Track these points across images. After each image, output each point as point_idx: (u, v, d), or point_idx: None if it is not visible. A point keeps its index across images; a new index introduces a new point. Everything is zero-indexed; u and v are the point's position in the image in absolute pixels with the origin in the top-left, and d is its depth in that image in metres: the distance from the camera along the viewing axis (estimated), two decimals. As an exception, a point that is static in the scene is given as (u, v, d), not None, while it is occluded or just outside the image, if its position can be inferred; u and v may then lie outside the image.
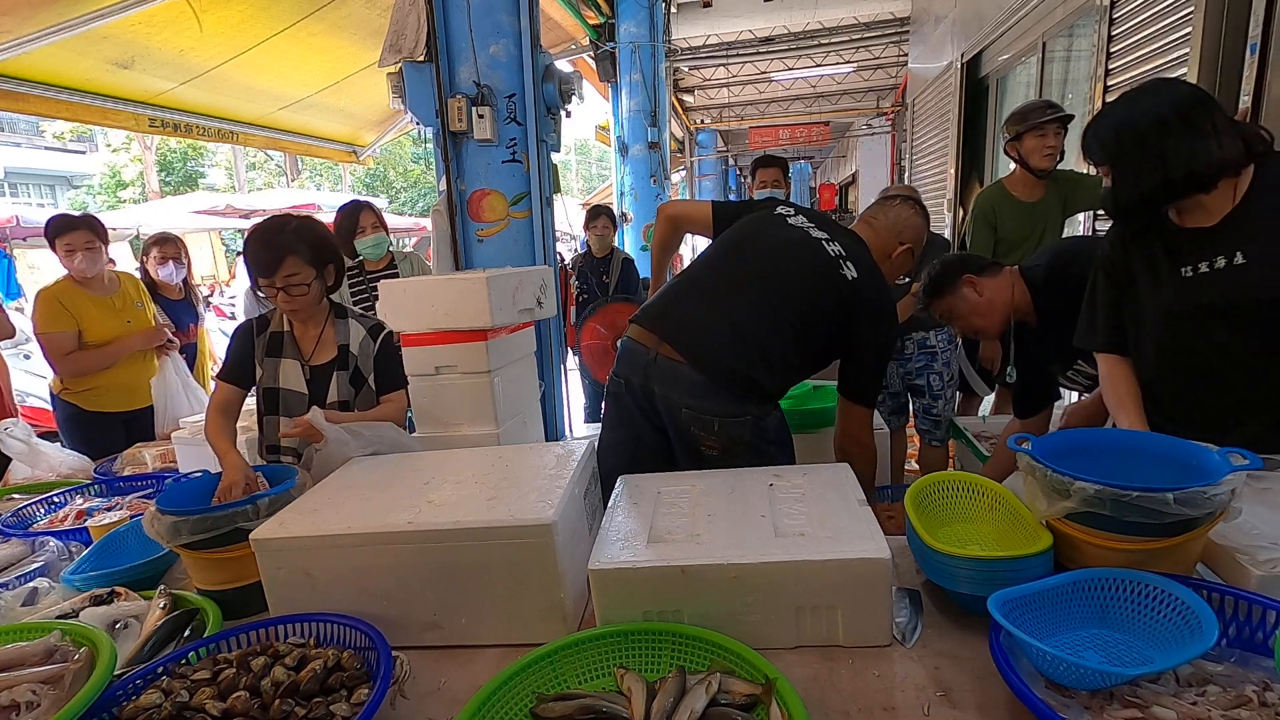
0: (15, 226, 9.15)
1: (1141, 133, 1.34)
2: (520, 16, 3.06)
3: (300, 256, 1.72)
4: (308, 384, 1.81)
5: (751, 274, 1.74)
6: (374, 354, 1.87)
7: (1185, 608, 0.93)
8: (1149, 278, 1.46)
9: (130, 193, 20.69)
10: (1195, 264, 1.40)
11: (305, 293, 1.74)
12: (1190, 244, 1.41)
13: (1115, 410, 1.52)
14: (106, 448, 2.71)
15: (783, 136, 14.62)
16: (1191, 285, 1.40)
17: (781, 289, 1.71)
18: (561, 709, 0.92)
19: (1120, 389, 1.52)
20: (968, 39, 5.68)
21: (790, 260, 1.75)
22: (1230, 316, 1.38)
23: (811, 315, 1.71)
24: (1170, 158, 1.31)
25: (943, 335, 3.09)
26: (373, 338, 1.87)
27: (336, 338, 1.84)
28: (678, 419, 1.70)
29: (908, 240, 1.85)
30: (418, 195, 24.55)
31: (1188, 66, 2.70)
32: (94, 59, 3.86)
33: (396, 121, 6.25)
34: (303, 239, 1.73)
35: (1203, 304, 1.39)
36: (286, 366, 1.81)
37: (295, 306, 1.76)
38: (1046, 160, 2.85)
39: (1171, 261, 1.43)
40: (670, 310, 1.78)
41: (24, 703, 0.91)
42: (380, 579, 1.17)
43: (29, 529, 1.81)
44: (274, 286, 1.71)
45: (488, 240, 3.26)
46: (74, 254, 2.82)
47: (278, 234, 1.72)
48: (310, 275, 1.75)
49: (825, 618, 1.05)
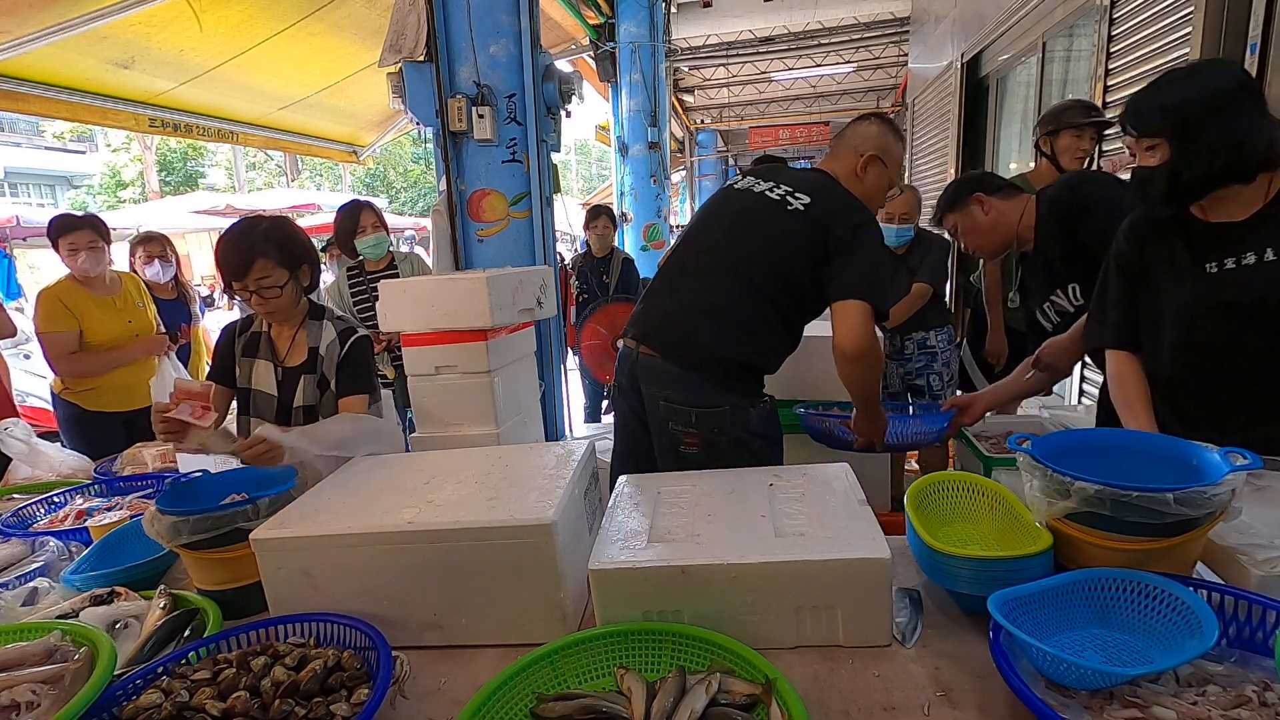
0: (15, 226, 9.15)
1: (1218, 101, 1.27)
2: (520, 16, 3.06)
3: (270, 259, 1.70)
4: (278, 386, 1.80)
5: (714, 255, 1.72)
6: (339, 358, 1.81)
7: (1185, 608, 0.93)
8: (1167, 272, 1.42)
9: (130, 193, 20.70)
10: (1221, 260, 1.35)
11: (278, 295, 1.72)
12: (1216, 239, 1.36)
13: (1123, 410, 1.48)
14: (107, 448, 2.71)
15: (783, 136, 14.63)
16: (1216, 281, 1.36)
17: (747, 259, 1.67)
18: (561, 709, 0.92)
19: (1129, 389, 1.48)
20: (968, 39, 5.68)
21: (745, 227, 1.71)
22: (1256, 315, 1.33)
23: (783, 269, 1.66)
24: (1245, 132, 1.26)
25: (943, 335, 3.09)
26: (341, 342, 1.82)
27: (309, 340, 1.82)
28: (658, 414, 1.69)
29: (868, 149, 1.74)
30: (418, 195, 24.55)
31: (1188, 66, 2.69)
32: (94, 59, 3.86)
33: (396, 121, 6.26)
34: (272, 241, 1.71)
35: (1227, 301, 1.35)
36: (260, 368, 1.81)
37: (270, 309, 1.74)
38: (1077, 163, 2.84)
39: (1194, 256, 1.38)
40: (647, 310, 1.79)
41: (24, 703, 0.91)
42: (380, 579, 1.17)
43: (29, 529, 1.81)
44: (246, 290, 1.69)
45: (488, 240, 3.26)
46: (78, 253, 2.82)
47: (247, 236, 1.70)
48: (283, 277, 1.72)
49: (825, 618, 1.05)
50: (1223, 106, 1.28)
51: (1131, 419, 1.45)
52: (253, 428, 1.81)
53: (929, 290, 3.01)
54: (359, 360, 1.84)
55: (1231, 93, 1.28)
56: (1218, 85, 1.29)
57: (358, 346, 1.84)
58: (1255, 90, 1.29)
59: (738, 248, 1.70)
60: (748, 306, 1.65)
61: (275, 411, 1.81)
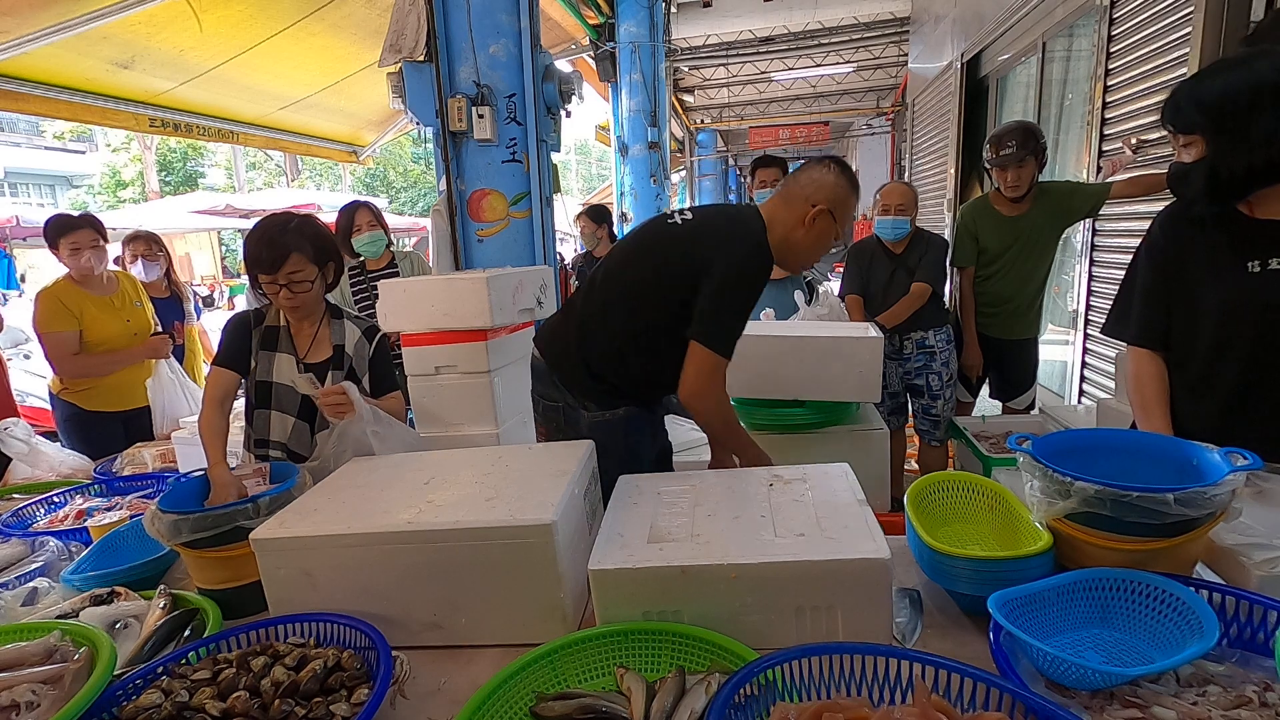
0: (15, 226, 9.17)
1: (1260, 95, 1.20)
2: (520, 16, 3.06)
3: (303, 254, 1.74)
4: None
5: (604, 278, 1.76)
6: (369, 356, 1.88)
7: (1185, 608, 0.93)
8: (1207, 270, 1.34)
9: (130, 192, 20.70)
10: (1265, 259, 1.28)
11: (308, 290, 1.76)
12: (1263, 237, 1.29)
13: (1139, 412, 1.43)
14: (106, 447, 2.71)
15: (783, 136, 14.64)
16: (1259, 281, 1.29)
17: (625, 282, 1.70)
18: (561, 709, 0.92)
19: (1148, 390, 1.41)
20: (968, 39, 5.68)
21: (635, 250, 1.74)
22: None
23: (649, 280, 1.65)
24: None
25: (941, 335, 3.09)
26: (368, 339, 1.90)
27: (332, 337, 1.86)
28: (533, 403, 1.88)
29: (820, 201, 1.63)
30: (418, 195, 24.55)
31: (1187, 66, 2.70)
32: (94, 59, 3.86)
33: (396, 121, 6.25)
34: (305, 236, 1.76)
35: (1270, 302, 1.28)
36: (281, 361, 1.82)
37: (297, 304, 1.77)
38: (1011, 191, 2.91)
39: (1236, 254, 1.31)
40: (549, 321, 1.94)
41: (24, 703, 0.91)
42: (380, 579, 1.17)
43: (29, 529, 1.81)
44: (276, 284, 1.72)
45: (488, 240, 3.26)
46: (79, 253, 2.82)
47: (281, 231, 1.73)
48: (313, 273, 1.77)
49: (825, 618, 1.05)
50: (1265, 101, 1.20)
51: (1147, 422, 1.39)
52: (274, 420, 1.83)
53: (928, 290, 3.01)
54: (388, 358, 1.93)
55: (1277, 85, 1.19)
56: (1261, 78, 1.20)
57: (384, 345, 1.92)
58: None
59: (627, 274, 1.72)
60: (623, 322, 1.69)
61: (299, 406, 1.82)
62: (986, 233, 3.02)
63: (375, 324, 1.95)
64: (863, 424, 2.48)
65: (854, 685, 0.89)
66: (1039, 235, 2.96)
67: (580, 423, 1.73)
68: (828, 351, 2.36)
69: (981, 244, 3.04)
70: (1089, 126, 3.56)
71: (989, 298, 3.10)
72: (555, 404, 1.77)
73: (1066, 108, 4.23)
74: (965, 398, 3.33)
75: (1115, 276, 3.40)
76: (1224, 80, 1.25)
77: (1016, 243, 2.97)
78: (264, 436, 1.85)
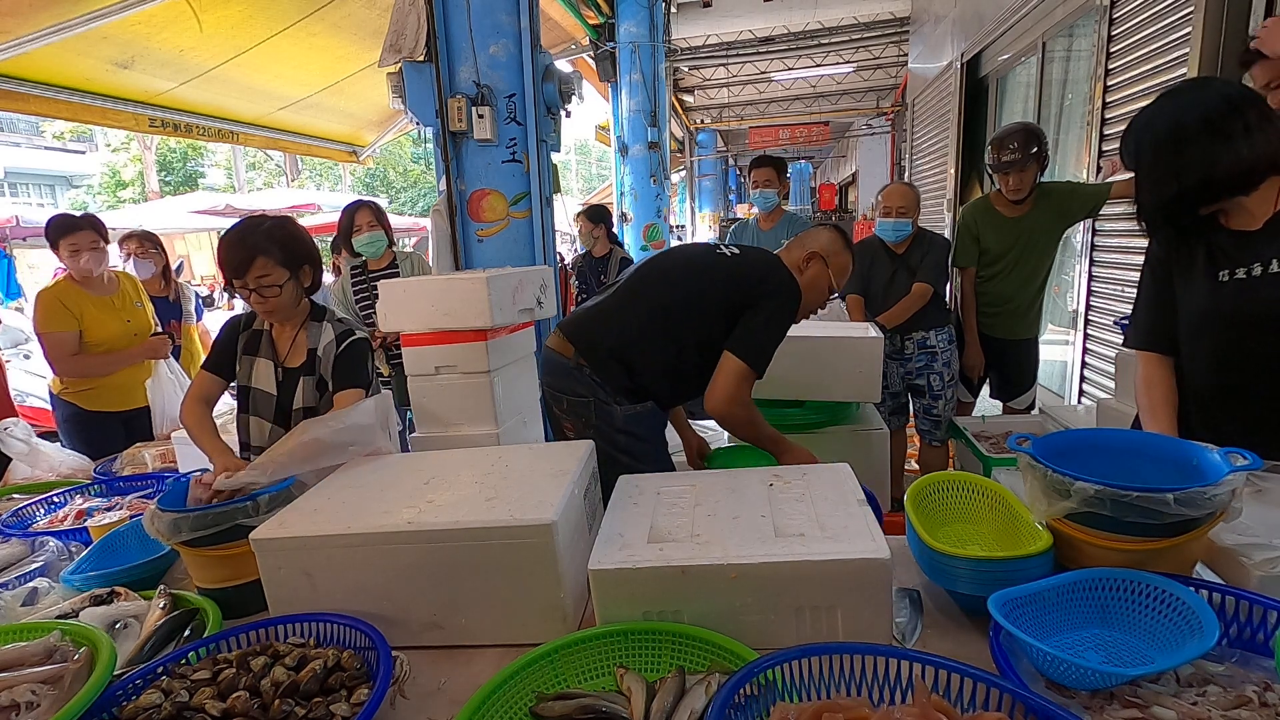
0: (15, 226, 9.16)
1: (1158, 140, 1.29)
2: (520, 16, 3.05)
3: (271, 257, 1.70)
4: (278, 386, 1.81)
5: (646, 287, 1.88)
6: (335, 355, 1.80)
7: (1185, 608, 0.93)
8: (1184, 278, 1.39)
9: (130, 192, 20.70)
10: (1233, 269, 1.31)
11: (277, 294, 1.72)
12: (1233, 248, 1.32)
13: (1145, 415, 1.44)
14: (106, 447, 2.71)
15: (783, 136, 14.64)
16: (1227, 291, 1.32)
17: (670, 300, 1.83)
18: (561, 708, 0.92)
19: (1154, 394, 1.43)
20: (968, 39, 5.68)
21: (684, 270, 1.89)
22: (1266, 328, 1.29)
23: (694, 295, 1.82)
24: (1184, 167, 1.25)
25: (943, 335, 3.09)
26: (338, 342, 1.82)
27: (308, 341, 1.82)
28: (546, 399, 1.93)
29: (814, 248, 1.91)
30: (418, 195, 24.56)
31: (1188, 66, 2.70)
32: (94, 59, 3.86)
33: (396, 121, 6.25)
34: (274, 240, 1.71)
35: (1241, 312, 1.31)
36: (260, 366, 1.81)
37: (269, 308, 1.74)
38: (1013, 195, 2.92)
39: (1209, 264, 1.34)
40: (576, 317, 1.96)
41: (24, 703, 0.91)
42: (380, 579, 1.17)
43: (29, 529, 1.81)
44: (245, 287, 1.70)
45: (488, 240, 3.25)
46: (80, 254, 2.82)
47: (249, 234, 1.70)
48: (283, 276, 1.72)
49: (825, 618, 1.05)
50: (1167, 140, 1.27)
51: (1154, 425, 1.40)
52: (252, 426, 1.81)
53: (929, 290, 3.01)
54: (354, 357, 1.82)
55: (1182, 124, 1.25)
56: (1173, 118, 1.27)
57: (355, 345, 1.83)
58: (1229, 111, 1.23)
59: (672, 290, 1.86)
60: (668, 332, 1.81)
61: (274, 411, 1.81)
62: (988, 233, 3.03)
63: (353, 327, 1.86)
64: (863, 424, 2.48)
65: (854, 685, 0.89)
66: (1040, 236, 2.97)
67: (614, 416, 1.80)
68: (828, 352, 2.37)
69: (983, 245, 3.05)
70: (1089, 126, 3.57)
71: (990, 298, 3.10)
72: (584, 399, 1.81)
73: (1066, 108, 4.24)
74: (966, 398, 3.33)
75: (1115, 276, 3.40)
76: (1140, 123, 1.33)
77: (1018, 243, 2.98)
78: (245, 440, 1.85)
